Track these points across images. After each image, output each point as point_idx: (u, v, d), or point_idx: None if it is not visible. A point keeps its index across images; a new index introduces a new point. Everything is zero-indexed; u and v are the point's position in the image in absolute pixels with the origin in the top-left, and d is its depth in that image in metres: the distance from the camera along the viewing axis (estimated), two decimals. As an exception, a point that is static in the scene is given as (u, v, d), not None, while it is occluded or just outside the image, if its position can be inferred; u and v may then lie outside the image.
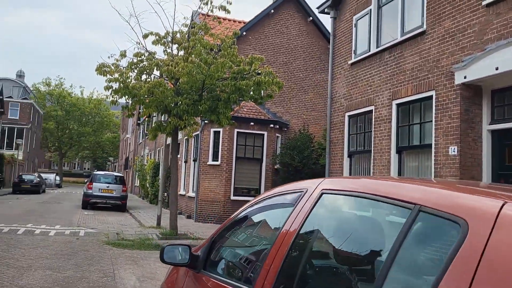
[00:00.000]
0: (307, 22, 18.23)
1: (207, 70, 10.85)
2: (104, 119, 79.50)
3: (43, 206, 21.47)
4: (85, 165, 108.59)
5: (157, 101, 11.51)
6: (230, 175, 16.07)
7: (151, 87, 10.84)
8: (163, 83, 10.75)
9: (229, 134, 16.10)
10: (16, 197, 27.82)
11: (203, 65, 10.71)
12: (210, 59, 10.94)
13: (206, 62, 10.86)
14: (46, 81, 77.71)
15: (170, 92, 11.01)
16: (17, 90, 57.85)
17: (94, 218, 17.24)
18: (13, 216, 15.95)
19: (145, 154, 34.36)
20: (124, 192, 21.74)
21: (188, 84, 11.60)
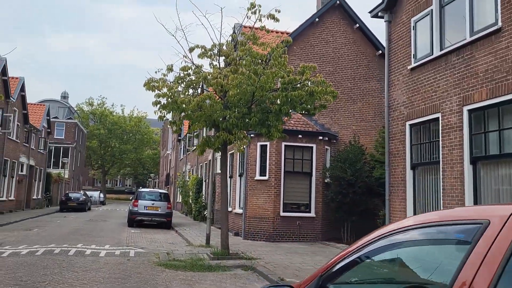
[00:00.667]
0: (354, 29, 17.56)
1: (257, 81, 10.37)
2: (144, 136, 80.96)
3: (90, 224, 21.53)
4: (127, 181, 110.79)
5: (205, 115, 11.13)
6: (279, 190, 15.46)
7: (200, 101, 10.46)
8: (213, 96, 10.35)
9: (276, 148, 15.55)
10: (64, 215, 28.23)
11: (253, 76, 10.25)
12: (260, 70, 10.47)
13: (256, 73, 10.40)
14: (89, 101, 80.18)
15: (219, 105, 10.59)
16: (62, 111, 59.74)
17: (141, 236, 17.00)
18: (62, 235, 15.92)
19: (187, 170, 34.31)
20: (169, 209, 21.52)
21: (237, 97, 11.15)
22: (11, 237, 15.01)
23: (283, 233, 15.30)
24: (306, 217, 15.57)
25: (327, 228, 15.83)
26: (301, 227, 15.40)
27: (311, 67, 10.74)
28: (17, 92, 28.00)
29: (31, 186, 34.20)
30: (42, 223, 21.76)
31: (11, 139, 27.81)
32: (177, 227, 21.31)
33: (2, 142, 26.10)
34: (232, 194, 18.36)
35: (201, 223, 24.08)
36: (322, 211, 15.68)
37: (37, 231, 17.31)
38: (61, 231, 17.71)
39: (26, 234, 16.04)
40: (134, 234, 17.55)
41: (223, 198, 12.18)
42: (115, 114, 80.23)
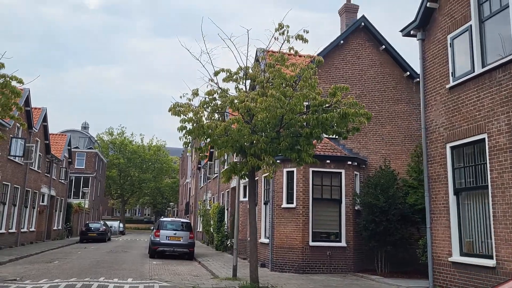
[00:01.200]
0: (380, 51, 17.10)
1: (287, 103, 9.91)
2: (163, 165, 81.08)
3: (111, 256, 21.01)
4: (145, 211, 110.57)
5: (232, 140, 10.66)
6: (307, 218, 14.76)
7: (227, 125, 10.01)
8: (240, 120, 9.90)
9: (304, 174, 14.94)
10: (84, 247, 27.81)
11: (283, 99, 9.79)
12: (290, 92, 10.02)
13: (286, 95, 9.95)
14: (109, 131, 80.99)
15: (246, 130, 10.12)
16: (83, 141, 60.36)
17: (164, 268, 16.38)
18: (84, 268, 15.41)
19: (207, 198, 33.78)
20: (191, 239, 20.90)
21: (265, 120, 10.70)
22: (31, 270, 14.56)
23: (313, 264, 14.51)
24: (337, 247, 14.78)
25: (359, 258, 14.98)
26: (331, 257, 14.60)
27: (343, 88, 10.25)
28: (39, 122, 28.17)
29: (51, 216, 34.05)
30: (62, 254, 21.34)
31: (33, 170, 27.80)
32: (199, 257, 20.64)
33: (24, 173, 26.07)
34: (257, 222, 17.67)
35: (224, 253, 23.35)
36: (353, 240, 14.87)
37: (58, 264, 16.84)
38: (82, 263, 17.21)
39: (46, 267, 15.58)
40: (156, 266, 16.94)
41: (252, 227, 11.56)
42: (134, 143, 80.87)
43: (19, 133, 24.81)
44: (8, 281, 11.65)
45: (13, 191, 24.44)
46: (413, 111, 16.91)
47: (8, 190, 23.54)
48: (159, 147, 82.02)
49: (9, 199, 23.79)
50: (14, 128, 23.84)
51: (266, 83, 10.67)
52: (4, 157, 22.59)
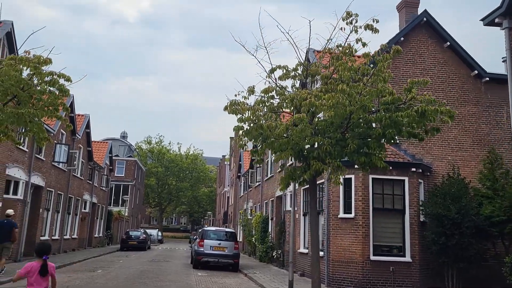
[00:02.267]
0: (443, 48, 15.74)
1: (358, 100, 8.81)
2: (200, 174, 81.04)
3: (154, 266, 20.31)
4: (182, 219, 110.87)
5: (292, 142, 9.64)
6: (368, 230, 13.50)
7: (290, 124, 8.99)
8: (305, 118, 8.85)
9: (363, 182, 13.73)
10: (125, 255, 27.36)
11: (354, 94, 8.70)
12: (361, 87, 8.93)
13: (357, 91, 8.86)
14: (147, 140, 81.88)
15: (309, 130, 9.06)
16: (122, 149, 60.92)
17: (210, 280, 15.46)
18: (129, 278, 14.69)
19: (248, 208, 32.82)
20: (236, 250, 19.94)
21: (329, 121, 9.64)
22: (75, 279, 13.95)
23: (375, 280, 13.21)
24: (401, 262, 13.42)
25: (426, 275, 13.56)
26: (395, 273, 13.25)
27: (422, 82, 9.05)
28: (82, 129, 28.12)
29: (93, 224, 33.97)
30: (105, 263, 20.82)
31: (75, 176, 27.71)
32: (244, 269, 19.63)
33: (67, 179, 25.95)
34: (309, 232, 16.52)
35: (269, 265, 22.25)
36: (419, 255, 13.48)
37: (102, 273, 16.23)
38: (126, 273, 16.53)
39: (90, 276, 14.96)
40: (202, 278, 16.05)
41: (314, 240, 10.43)
42: (172, 152, 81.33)
43: (63, 139, 24.72)
44: (52, 292, 10.99)
45: (57, 198, 24.29)
46: (482, 113, 15.40)
47: (51, 196, 23.38)
48: (196, 156, 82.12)
49: (53, 206, 23.63)
50: (58, 134, 23.74)
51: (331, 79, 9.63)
52: (48, 163, 22.44)
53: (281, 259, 20.51)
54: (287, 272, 18.65)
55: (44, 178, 21.74)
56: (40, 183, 21.19)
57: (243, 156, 38.34)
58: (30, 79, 9.56)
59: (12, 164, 17.79)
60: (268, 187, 25.60)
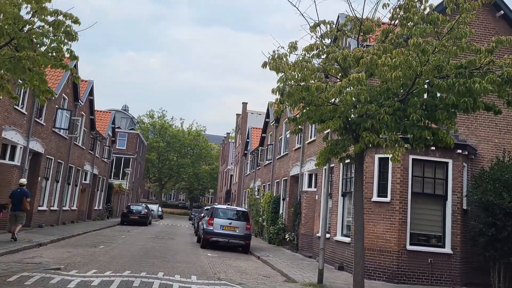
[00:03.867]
0: (496, 17, 14.08)
1: (432, 59, 7.23)
2: (202, 150, 79.58)
3: (158, 243, 18.96)
4: (180, 196, 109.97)
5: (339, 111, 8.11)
6: (405, 216, 12.05)
7: (345, 86, 7.42)
8: (363, 79, 7.27)
9: (402, 162, 12.20)
10: (127, 230, 26.06)
11: (430, 51, 7.12)
12: (436, 43, 7.34)
13: (431, 47, 7.27)
14: (149, 114, 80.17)
15: (363, 96, 7.50)
16: (124, 121, 59.09)
17: (223, 263, 14.10)
18: (134, 256, 13.31)
19: (256, 187, 31.43)
20: (248, 230, 18.56)
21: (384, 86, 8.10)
22: (76, 256, 12.55)
23: (410, 272, 11.83)
24: (440, 254, 12.02)
25: (468, 269, 12.20)
26: (433, 266, 11.86)
27: (508, 41, 7.47)
28: (85, 95, 26.46)
29: (93, 196, 32.61)
30: (106, 238, 19.47)
31: (77, 145, 26.19)
32: (255, 251, 18.30)
33: (68, 148, 24.42)
34: (332, 217, 15.12)
35: (280, 247, 20.94)
36: (460, 246, 12.08)
37: (104, 249, 14.86)
38: (131, 250, 15.16)
39: (92, 253, 13.58)
40: (213, 260, 14.68)
41: (358, 227, 8.98)
42: (174, 128, 79.75)
43: (65, 104, 23.10)
44: (51, 270, 9.60)
45: (57, 166, 22.81)
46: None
47: (51, 164, 21.89)
48: (199, 132, 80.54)
49: (52, 175, 22.16)
50: (60, 99, 22.13)
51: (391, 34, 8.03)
52: (48, 129, 20.88)
53: (294, 242, 19.17)
54: (301, 256, 17.35)
55: (43, 144, 20.21)
56: (39, 150, 19.67)
57: (251, 133, 36.81)
58: (31, 18, 7.94)
59: (9, 127, 16.23)
60: (281, 166, 24.13)
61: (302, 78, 7.92)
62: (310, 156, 18.66)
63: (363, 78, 7.24)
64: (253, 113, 44.21)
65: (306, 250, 18.26)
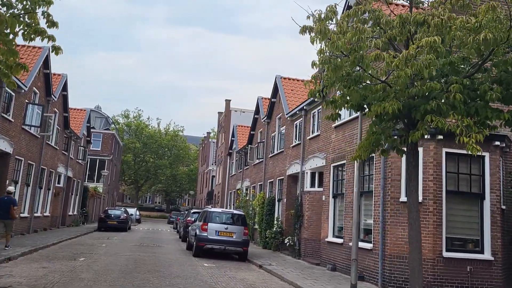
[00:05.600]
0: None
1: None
2: (180, 151, 77.14)
3: (145, 252, 16.93)
4: (156, 199, 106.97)
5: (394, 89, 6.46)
6: (440, 218, 10.52)
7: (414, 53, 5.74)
8: (439, 43, 5.61)
9: (435, 156, 10.69)
10: (106, 237, 23.82)
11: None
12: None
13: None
14: (125, 113, 77.26)
15: (435, 66, 5.85)
16: (99, 121, 56.24)
17: (226, 275, 12.28)
18: (125, 271, 11.32)
19: (244, 187, 29.62)
20: (245, 236, 16.79)
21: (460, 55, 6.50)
22: (53, 273, 10.50)
23: (448, 283, 10.29)
24: (479, 260, 10.53)
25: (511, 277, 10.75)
26: (472, 274, 10.36)
27: None
28: (59, 90, 24.09)
29: (67, 200, 30.12)
30: (86, 247, 17.31)
31: (49, 145, 23.80)
32: (253, 258, 16.55)
33: (40, 148, 22.07)
34: (346, 219, 13.47)
35: (277, 253, 19.21)
36: (502, 251, 10.63)
37: (86, 262, 12.79)
38: (117, 262, 13.15)
39: (72, 268, 11.52)
40: (213, 272, 12.84)
41: (414, 235, 7.33)
42: (151, 128, 77.11)
43: (36, 99, 20.77)
44: (23, 296, 7.59)
45: (27, 168, 20.46)
46: None
47: (21, 166, 19.53)
48: (177, 133, 78.07)
49: (22, 178, 19.80)
50: (30, 93, 19.81)
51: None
52: (17, 126, 18.54)
53: (296, 248, 17.47)
54: (307, 264, 15.68)
55: (12, 143, 17.89)
56: (6, 149, 17.35)
57: (237, 131, 34.97)
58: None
59: (-29, 122, 13.98)
60: (276, 164, 22.42)
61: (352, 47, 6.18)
62: (313, 152, 17.01)
63: (439, 43, 5.58)
64: (236, 110, 42.37)
65: (310, 256, 16.59)
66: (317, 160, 16.55)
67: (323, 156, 15.94)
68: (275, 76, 23.33)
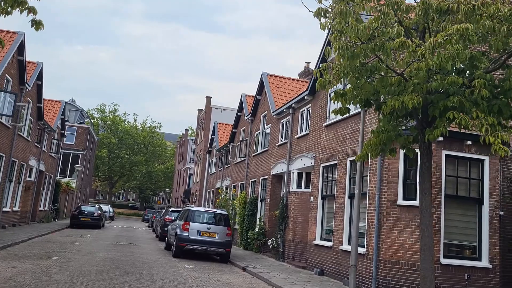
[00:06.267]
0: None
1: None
2: (156, 148, 75.70)
3: (123, 252, 16.05)
4: (130, 195, 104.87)
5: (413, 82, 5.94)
6: (439, 223, 10.11)
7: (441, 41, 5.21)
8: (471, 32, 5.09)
9: (434, 159, 10.24)
10: (79, 234, 22.73)
11: None
12: None
13: None
14: (100, 108, 75.36)
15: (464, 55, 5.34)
16: (73, 114, 54.38)
17: (210, 278, 11.59)
18: (102, 273, 10.49)
19: (224, 186, 28.90)
20: (228, 236, 16.12)
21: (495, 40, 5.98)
22: (24, 273, 9.61)
23: (445, 291, 9.89)
24: (477, 268, 10.17)
25: (510, 286, 10.42)
26: (470, 283, 9.99)
27: None
28: (33, 79, 22.85)
29: (38, 195, 28.76)
30: (58, 245, 16.30)
31: (21, 136, 22.56)
32: (235, 260, 15.93)
33: (11, 139, 20.84)
34: (337, 222, 12.95)
35: (260, 255, 18.62)
36: (500, 259, 10.29)
37: (59, 262, 11.88)
38: (93, 263, 12.27)
39: (45, 268, 10.62)
40: (196, 274, 12.13)
41: (427, 242, 6.83)
42: (127, 123, 75.44)
43: (8, 87, 19.57)
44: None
45: (-4, 160, 19.26)
46: None
47: (-10, 157, 18.35)
48: (153, 129, 76.60)
49: (-9, 170, 18.61)
50: (2, 80, 18.63)
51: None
52: (-13, 114, 17.38)
53: (280, 250, 16.89)
54: (292, 267, 15.11)
55: (-19, 132, 16.73)
56: (-25, 139, 16.20)
57: (217, 128, 34.21)
58: None
59: None
60: (259, 164, 21.81)
61: (372, 34, 5.60)
62: (301, 152, 16.47)
63: (471, 31, 5.06)
64: (217, 108, 41.58)
65: (295, 258, 16.05)
66: (305, 160, 16.02)
67: (312, 156, 15.42)
68: (261, 73, 22.72)
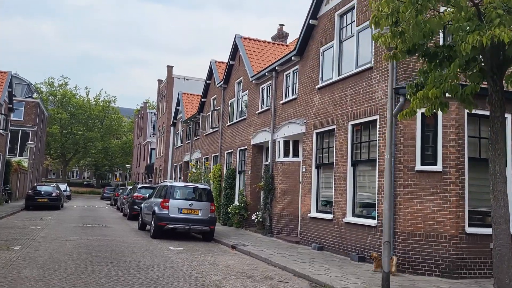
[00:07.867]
0: None
1: None
2: (112, 123, 72.18)
3: (94, 235, 14.31)
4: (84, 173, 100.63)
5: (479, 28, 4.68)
6: (463, 190, 9.14)
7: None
8: None
9: (457, 118, 9.23)
10: (39, 217, 20.59)
11: None
12: None
13: None
14: (49, 81, 70.60)
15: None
16: (20, 88, 50.18)
17: (203, 261, 10.23)
18: (79, 265, 8.84)
19: (193, 159, 27.26)
20: (212, 213, 14.73)
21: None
22: (-18, 271, 7.82)
23: (471, 263, 9.02)
24: (502, 235, 9.33)
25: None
26: (495, 252, 9.15)
27: None
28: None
29: (-13, 176, 26.03)
30: (18, 232, 14.31)
31: (-36, 110, 19.84)
32: (220, 237, 14.65)
33: (-48, 112, 18.17)
34: (335, 190, 11.82)
35: (242, 230, 17.46)
36: (524, 225, 9.51)
37: (24, 252, 10.09)
38: (64, 251, 10.55)
39: (8, 261, 8.85)
40: (186, 257, 10.72)
41: (502, 213, 5.70)
42: (79, 98, 71.21)
43: None
44: None
45: None
46: None
47: None
48: (108, 103, 72.81)
49: None
50: None
51: None
52: None
53: (267, 224, 15.71)
54: (285, 242, 13.99)
55: None
56: None
57: (182, 99, 32.20)
58: None
59: None
60: (235, 134, 20.33)
61: None
62: (288, 118, 15.14)
63: None
64: (179, 78, 39.30)
65: (284, 233, 14.94)
66: (293, 127, 14.71)
67: (302, 122, 14.12)
68: (234, 35, 20.97)
